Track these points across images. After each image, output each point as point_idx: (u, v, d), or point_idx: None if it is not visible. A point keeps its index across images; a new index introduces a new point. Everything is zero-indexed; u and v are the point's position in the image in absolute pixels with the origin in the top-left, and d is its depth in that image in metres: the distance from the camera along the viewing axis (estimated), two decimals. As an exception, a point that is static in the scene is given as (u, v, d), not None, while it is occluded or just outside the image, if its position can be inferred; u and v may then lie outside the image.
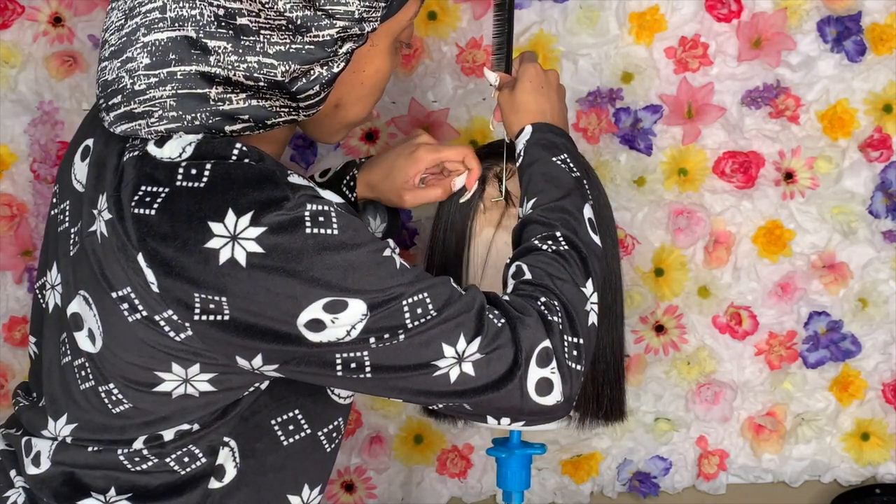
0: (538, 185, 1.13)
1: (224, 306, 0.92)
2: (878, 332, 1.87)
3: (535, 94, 1.21)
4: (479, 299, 1.00)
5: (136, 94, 0.96)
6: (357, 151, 1.75)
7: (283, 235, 0.91)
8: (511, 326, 0.99)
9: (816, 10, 1.75)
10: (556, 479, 1.90)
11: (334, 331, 0.94)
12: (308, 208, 0.93)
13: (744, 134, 1.79)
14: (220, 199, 0.92)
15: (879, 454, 1.91)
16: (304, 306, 0.92)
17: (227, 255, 0.91)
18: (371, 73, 1.04)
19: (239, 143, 0.96)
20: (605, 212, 1.32)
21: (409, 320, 0.95)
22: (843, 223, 1.82)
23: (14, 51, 1.67)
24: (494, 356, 0.98)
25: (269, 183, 0.93)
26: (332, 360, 0.96)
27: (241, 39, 0.94)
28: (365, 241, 0.96)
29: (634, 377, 1.85)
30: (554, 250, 1.06)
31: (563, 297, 1.03)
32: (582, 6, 1.72)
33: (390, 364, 0.96)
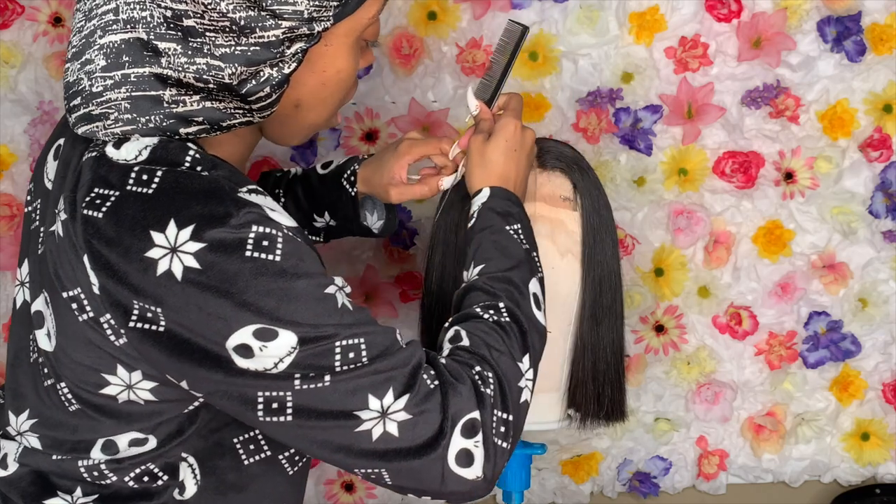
0: (487, 252, 1.10)
1: (160, 317, 0.91)
2: (878, 332, 1.87)
3: (506, 155, 1.18)
4: (418, 357, 0.97)
5: (94, 95, 0.96)
6: (357, 151, 1.75)
7: (222, 255, 0.89)
8: (443, 391, 0.95)
9: (816, 10, 1.75)
10: (556, 479, 1.90)
11: (262, 360, 0.91)
12: (253, 230, 0.90)
13: (744, 134, 1.79)
14: (164, 208, 0.90)
15: (879, 454, 1.91)
16: (234, 329, 0.90)
17: (165, 267, 0.89)
18: (332, 73, 1.02)
19: (193, 151, 0.95)
20: (604, 212, 1.32)
21: (338, 363, 0.92)
22: (843, 223, 1.82)
23: (14, 51, 1.67)
24: (421, 419, 0.94)
25: (215, 197, 0.91)
26: (255, 396, 0.92)
27: (189, 41, 0.93)
28: (308, 272, 0.93)
29: (634, 377, 1.85)
30: (495, 321, 1.03)
31: (499, 370, 0.99)
32: (582, 6, 1.72)
33: (312, 407, 0.93)
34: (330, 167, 1.36)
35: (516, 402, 1.00)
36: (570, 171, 1.31)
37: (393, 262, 1.80)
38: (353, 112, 1.74)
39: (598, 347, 1.31)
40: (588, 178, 1.31)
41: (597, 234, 1.30)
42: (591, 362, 1.31)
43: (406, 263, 1.80)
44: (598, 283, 1.30)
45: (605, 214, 1.32)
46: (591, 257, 1.30)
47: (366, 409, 0.93)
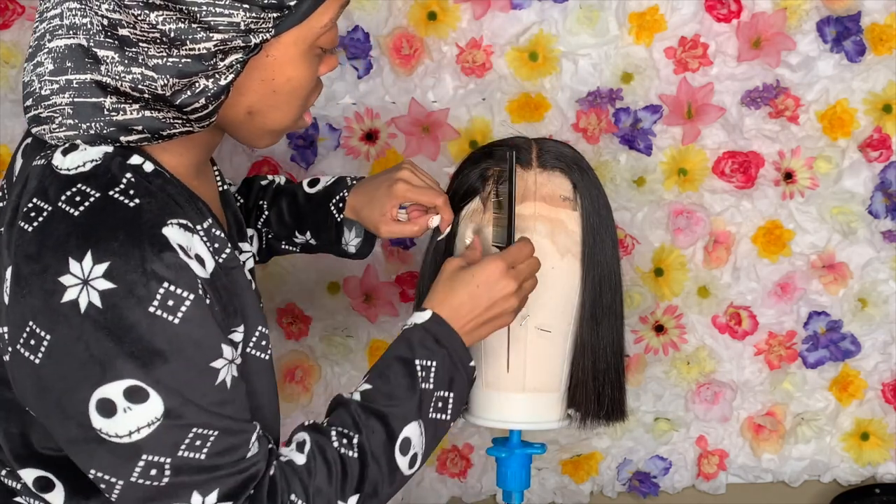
0: (386, 375, 1.09)
1: (42, 346, 0.90)
2: (878, 332, 1.87)
3: (469, 293, 1.13)
4: (256, 468, 0.97)
5: (43, 98, 0.96)
6: (357, 151, 1.76)
7: (126, 302, 0.88)
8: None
9: (816, 10, 1.75)
10: (556, 479, 1.90)
11: (119, 424, 0.89)
12: (163, 287, 0.89)
13: (743, 134, 1.79)
14: (85, 237, 0.90)
15: (879, 454, 1.91)
16: (109, 379, 0.89)
17: (72, 297, 0.88)
18: (282, 81, 0.99)
19: (130, 173, 0.94)
20: (604, 212, 1.32)
21: (183, 449, 0.92)
22: (842, 223, 1.82)
23: (14, 51, 1.67)
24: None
25: (135, 232, 0.90)
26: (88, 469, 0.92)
27: (126, 50, 0.92)
28: (201, 341, 0.92)
29: (634, 377, 1.85)
30: (340, 454, 1.02)
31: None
32: (582, 6, 1.72)
33: (136, 497, 0.92)
34: (317, 186, 1.35)
35: None
36: (570, 171, 1.30)
37: (393, 262, 1.80)
38: (354, 112, 1.74)
39: (598, 347, 1.31)
40: (588, 178, 1.31)
41: (597, 234, 1.30)
42: (591, 362, 1.31)
43: (406, 263, 1.80)
44: (597, 283, 1.30)
45: (605, 214, 1.32)
46: (591, 257, 1.30)
47: (185, 502, 0.93)
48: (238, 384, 0.96)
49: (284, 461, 1.01)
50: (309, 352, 1.84)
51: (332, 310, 1.83)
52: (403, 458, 1.07)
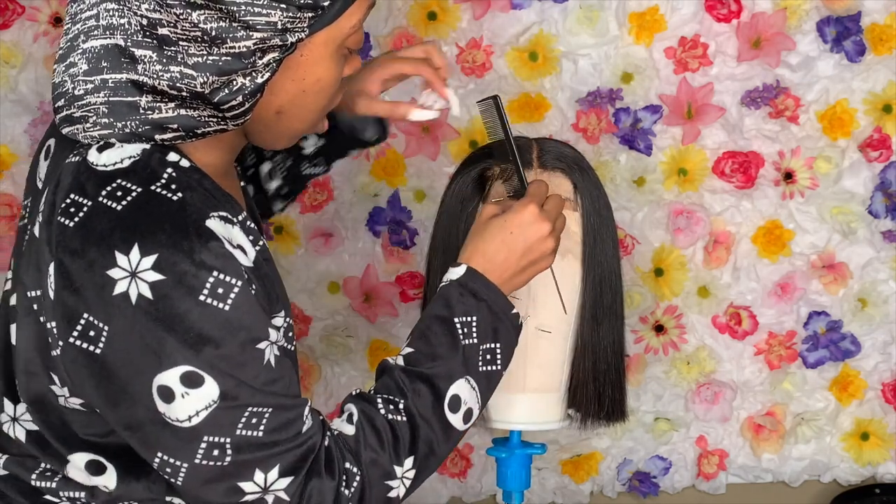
0: (424, 338, 1.09)
1: (101, 338, 0.92)
2: (878, 332, 1.87)
3: (504, 241, 1.12)
4: (313, 440, 0.99)
5: (76, 98, 0.97)
6: (357, 151, 1.75)
7: (176, 292, 0.91)
8: (306, 479, 0.99)
9: (816, 10, 1.75)
10: (556, 479, 1.90)
11: (179, 409, 0.93)
12: (213, 276, 0.92)
13: (743, 134, 1.79)
14: (131, 230, 0.92)
15: (879, 454, 1.91)
16: (165, 367, 0.92)
17: (122, 289, 0.91)
18: (312, 81, 1.01)
19: (171, 168, 0.96)
20: (605, 212, 1.32)
21: (240, 428, 0.95)
22: (842, 223, 1.82)
23: (14, 51, 1.67)
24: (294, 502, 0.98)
25: (180, 224, 0.92)
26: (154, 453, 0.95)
27: (164, 49, 0.94)
28: (249, 325, 0.94)
29: (634, 377, 1.85)
30: (388, 419, 1.04)
31: (364, 471, 1.02)
32: (582, 6, 1.72)
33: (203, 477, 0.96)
34: None
35: (378, 500, 1.03)
36: (571, 171, 1.30)
37: (393, 262, 1.80)
38: (354, 112, 1.74)
39: (599, 347, 1.31)
40: (588, 178, 1.31)
41: (597, 234, 1.30)
42: (591, 362, 1.31)
43: (406, 263, 1.80)
44: (598, 284, 1.30)
45: (606, 214, 1.32)
46: (592, 257, 1.30)
47: (249, 481, 0.96)
48: (282, 362, 0.98)
49: (336, 433, 1.03)
50: (309, 352, 1.84)
51: (332, 310, 1.83)
52: (455, 415, 1.07)
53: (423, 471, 1.07)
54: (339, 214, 1.78)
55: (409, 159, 1.76)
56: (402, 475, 1.04)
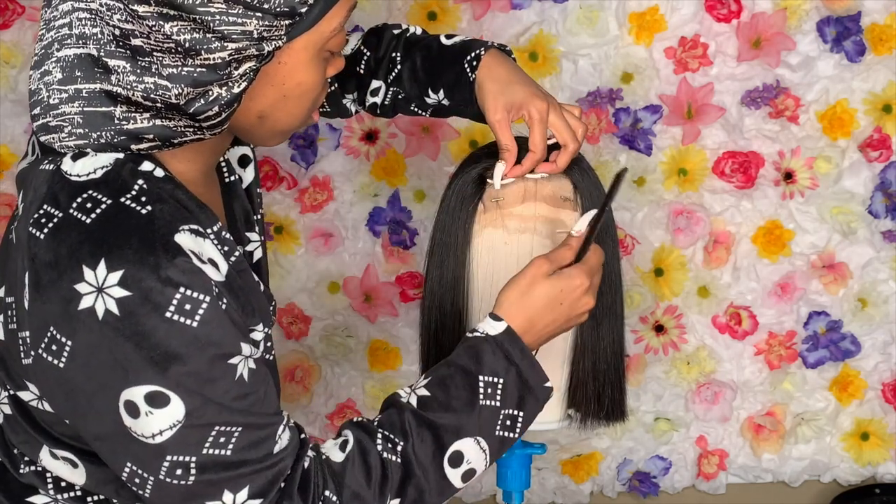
0: (446, 385, 1.06)
1: (65, 352, 0.91)
2: (878, 332, 1.87)
3: (549, 305, 1.09)
4: (286, 462, 0.97)
5: (51, 107, 0.96)
6: (357, 151, 1.75)
7: (143, 308, 0.89)
8: (279, 498, 0.96)
9: (816, 11, 1.75)
10: (556, 479, 1.90)
11: (144, 425, 0.91)
12: (179, 292, 0.90)
13: (743, 134, 1.79)
14: (98, 244, 0.90)
15: (879, 454, 1.91)
16: (132, 383, 0.90)
17: (88, 304, 0.89)
18: (293, 86, 0.99)
19: (142, 180, 0.94)
20: (605, 212, 1.32)
21: (207, 447, 0.93)
22: (842, 223, 1.82)
23: (14, 51, 1.67)
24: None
25: (148, 240, 0.90)
26: (123, 463, 0.94)
27: (138, 60, 0.92)
28: (219, 341, 0.92)
29: (634, 377, 1.85)
30: (382, 458, 1.01)
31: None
32: (582, 6, 1.72)
33: (167, 494, 0.94)
34: (454, 39, 1.28)
35: None
36: (571, 171, 1.30)
37: (393, 262, 1.80)
38: (354, 112, 1.74)
39: (598, 348, 1.31)
40: (588, 178, 1.31)
41: (597, 234, 1.30)
42: (591, 362, 1.31)
43: (406, 263, 1.80)
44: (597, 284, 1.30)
45: (606, 214, 1.32)
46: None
47: (217, 501, 0.94)
48: (257, 376, 0.96)
49: (322, 457, 1.01)
50: (309, 352, 1.84)
51: (332, 310, 1.83)
52: (454, 471, 1.05)
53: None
54: (339, 214, 1.78)
55: (409, 159, 1.77)
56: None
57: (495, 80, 1.23)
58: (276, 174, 1.76)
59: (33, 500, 1.04)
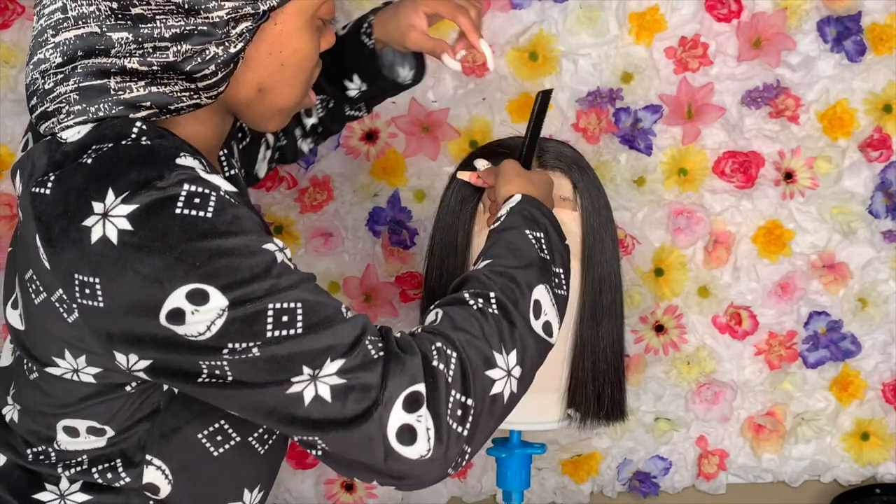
0: (499, 249, 1.06)
1: (98, 291, 0.90)
2: (878, 332, 1.87)
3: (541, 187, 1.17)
4: (361, 327, 0.93)
5: (47, 93, 0.97)
6: (357, 151, 1.75)
7: (152, 213, 0.89)
8: (385, 361, 0.91)
9: (816, 10, 1.75)
10: (556, 479, 1.90)
11: (193, 325, 0.89)
12: (184, 188, 0.90)
13: (744, 134, 1.79)
14: (103, 178, 0.91)
15: (879, 454, 1.91)
16: (169, 291, 0.88)
17: (99, 234, 0.89)
18: (289, 53, 1.02)
19: (140, 123, 0.95)
20: (604, 212, 1.32)
21: (269, 329, 0.89)
22: (842, 223, 1.82)
23: (14, 51, 1.67)
24: (356, 385, 0.90)
25: (150, 162, 0.91)
26: (195, 368, 0.91)
27: (140, 28, 0.94)
28: (242, 229, 0.91)
29: (634, 377, 1.85)
30: (479, 308, 0.98)
31: (463, 353, 0.94)
32: (582, 6, 1.72)
33: (245, 379, 0.91)
34: (347, 27, 1.35)
35: (480, 390, 0.94)
36: (570, 170, 1.31)
37: (393, 262, 1.80)
38: (353, 112, 1.74)
39: (598, 348, 1.32)
40: (588, 178, 1.31)
41: (597, 234, 1.30)
42: (590, 362, 1.31)
43: (406, 263, 1.80)
44: (597, 284, 1.30)
45: (605, 214, 1.32)
46: (591, 257, 1.30)
47: (299, 374, 0.90)
48: (302, 272, 0.94)
49: (417, 329, 0.98)
50: (309, 352, 1.84)
51: (332, 310, 1.82)
52: (537, 322, 1.02)
53: (527, 373, 0.98)
54: (339, 214, 1.78)
55: (409, 159, 1.77)
56: (508, 368, 0.96)
57: (387, 20, 1.30)
58: (276, 174, 1.75)
59: (40, 497, 1.04)
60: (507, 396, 0.97)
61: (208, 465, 1.05)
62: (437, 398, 0.91)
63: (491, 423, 0.96)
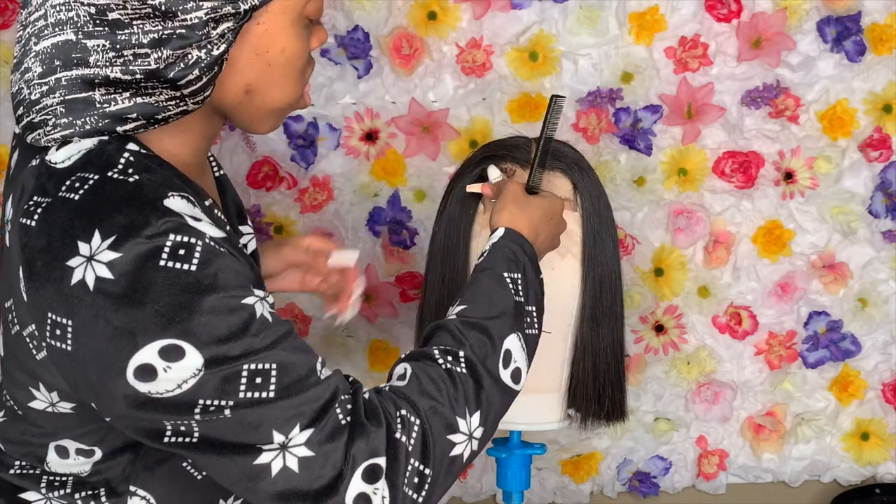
0: (474, 295, 1.06)
1: (68, 333, 0.88)
2: (878, 332, 1.87)
3: (541, 216, 1.17)
4: (332, 390, 0.92)
5: (33, 104, 0.96)
6: (357, 151, 1.75)
7: (136, 264, 0.86)
8: (350, 430, 0.91)
9: (816, 10, 1.75)
10: (556, 479, 1.90)
11: (164, 383, 0.87)
12: (170, 238, 0.87)
13: (744, 134, 1.79)
14: (89, 217, 0.88)
15: (879, 454, 1.91)
16: (141, 345, 0.86)
17: (79, 277, 0.87)
18: (276, 53, 0.98)
19: (127, 154, 0.93)
20: (605, 212, 1.32)
21: (242, 391, 0.88)
22: (843, 223, 1.82)
23: (14, 51, 1.67)
24: (323, 457, 0.89)
25: (136, 206, 0.88)
26: (160, 427, 0.89)
27: (118, 34, 0.92)
28: (225, 284, 0.89)
29: (634, 377, 1.85)
30: (447, 369, 0.98)
31: (426, 422, 0.94)
32: (582, 6, 1.72)
33: (214, 438, 0.89)
34: None
35: (440, 456, 0.95)
36: (571, 171, 1.31)
37: (393, 262, 1.80)
38: (354, 112, 1.74)
39: (598, 348, 1.31)
40: (588, 179, 1.31)
41: (597, 234, 1.30)
42: (591, 363, 1.31)
43: (406, 263, 1.80)
44: (598, 284, 1.30)
45: (606, 215, 1.32)
46: (592, 258, 1.30)
47: (269, 442, 0.89)
48: (279, 319, 0.92)
49: (385, 388, 0.97)
50: (309, 352, 1.84)
51: (332, 310, 1.82)
52: (506, 371, 1.02)
53: (489, 429, 0.99)
54: (339, 214, 1.78)
55: (409, 159, 1.77)
56: (469, 431, 0.97)
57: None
58: (276, 174, 1.75)
59: (27, 497, 1.03)
60: (466, 456, 0.98)
61: (193, 489, 1.04)
62: (395, 469, 0.92)
63: (448, 480, 0.97)
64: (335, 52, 1.71)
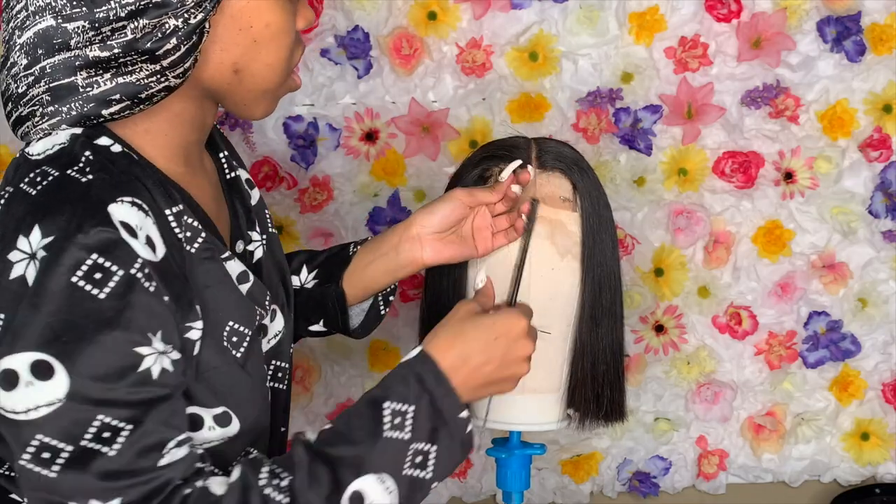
0: (349, 416, 0.97)
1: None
2: (878, 332, 1.87)
3: (484, 342, 1.01)
4: (164, 480, 0.87)
5: (20, 97, 0.96)
6: (357, 151, 1.75)
7: (53, 269, 0.84)
8: None
9: (816, 10, 1.75)
10: (556, 479, 1.90)
11: (18, 398, 0.84)
12: (91, 257, 0.85)
13: (744, 134, 1.79)
14: (36, 214, 0.87)
15: (879, 454, 1.91)
16: (16, 349, 0.84)
17: (19, 272, 0.86)
18: (261, 28, 0.96)
19: (89, 151, 0.92)
20: (604, 212, 1.32)
21: (86, 439, 0.84)
22: (842, 223, 1.82)
23: (14, 51, 1.67)
24: None
25: (79, 208, 0.87)
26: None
27: (96, 12, 0.91)
28: (127, 324, 0.85)
29: (634, 377, 1.85)
30: (264, 494, 0.90)
31: None
32: (582, 6, 1.72)
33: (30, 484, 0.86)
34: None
35: None
36: (570, 171, 1.30)
37: (393, 262, 1.80)
38: (354, 112, 1.74)
39: (598, 348, 1.31)
40: (588, 179, 1.31)
41: (597, 234, 1.30)
42: (590, 363, 1.31)
43: (406, 263, 1.80)
44: (597, 284, 1.30)
45: (605, 215, 1.32)
46: (591, 258, 1.29)
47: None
48: (169, 378, 0.89)
49: (202, 486, 0.91)
50: (309, 352, 1.84)
51: (332, 310, 1.82)
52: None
53: None
54: (339, 214, 1.78)
55: (409, 159, 1.77)
56: None
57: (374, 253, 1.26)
58: (276, 174, 1.76)
59: (15, 497, 1.03)
60: None
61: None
62: None
63: None
64: (335, 52, 1.71)
